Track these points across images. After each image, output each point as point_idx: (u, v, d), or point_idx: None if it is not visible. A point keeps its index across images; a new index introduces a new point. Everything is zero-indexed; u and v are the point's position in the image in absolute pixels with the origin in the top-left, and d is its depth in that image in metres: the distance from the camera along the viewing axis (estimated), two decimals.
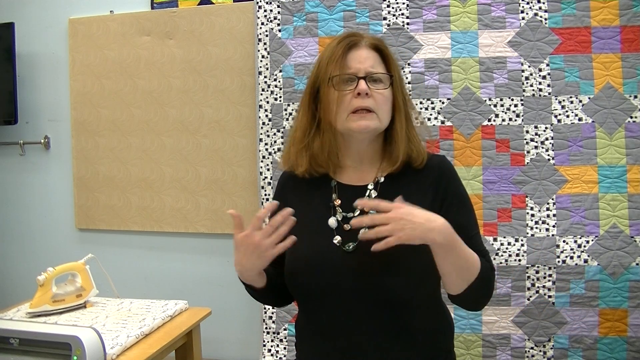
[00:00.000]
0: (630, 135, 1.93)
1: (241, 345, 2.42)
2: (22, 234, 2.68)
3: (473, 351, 2.00)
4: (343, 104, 1.13)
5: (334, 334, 1.12)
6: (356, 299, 1.10)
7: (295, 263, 1.16)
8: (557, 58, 1.97)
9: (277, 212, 1.09)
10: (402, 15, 2.06)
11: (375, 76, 1.14)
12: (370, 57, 1.15)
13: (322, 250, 1.14)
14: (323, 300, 1.13)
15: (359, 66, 1.13)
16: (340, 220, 1.16)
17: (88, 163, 2.54)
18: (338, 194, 1.19)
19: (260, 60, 2.18)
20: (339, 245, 1.13)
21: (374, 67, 1.14)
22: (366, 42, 1.16)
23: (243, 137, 2.36)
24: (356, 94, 1.11)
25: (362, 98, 1.11)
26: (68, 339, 1.15)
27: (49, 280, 1.63)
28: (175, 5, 2.42)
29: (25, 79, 2.60)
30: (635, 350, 1.91)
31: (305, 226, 1.16)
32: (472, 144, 2.01)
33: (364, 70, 1.13)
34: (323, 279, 1.12)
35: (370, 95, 1.12)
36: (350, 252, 1.12)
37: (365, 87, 1.11)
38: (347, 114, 1.12)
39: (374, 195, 1.16)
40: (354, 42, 1.15)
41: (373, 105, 1.12)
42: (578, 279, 1.93)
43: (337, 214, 1.17)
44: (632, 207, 1.92)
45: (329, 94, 1.14)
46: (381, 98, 1.13)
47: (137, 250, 2.53)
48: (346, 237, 1.14)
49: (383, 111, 1.14)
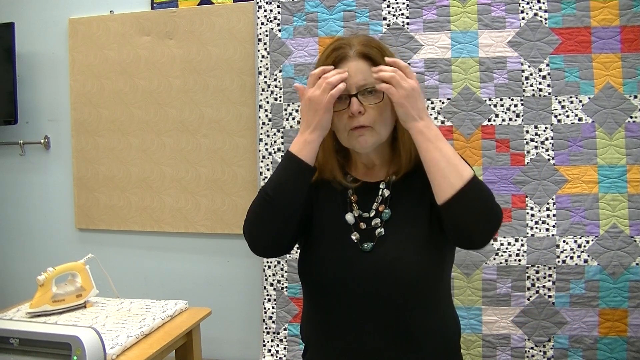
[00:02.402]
0: (630, 135, 1.93)
1: (241, 345, 2.42)
2: (22, 234, 2.68)
3: (473, 351, 2.00)
4: (341, 123, 1.11)
5: (347, 330, 1.12)
6: (370, 297, 1.10)
7: (312, 257, 1.17)
8: (557, 58, 1.97)
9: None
10: (402, 15, 2.06)
11: (367, 88, 1.10)
12: (360, 68, 1.10)
13: (339, 246, 1.14)
14: (337, 296, 1.13)
15: (349, 82, 1.08)
16: (357, 217, 1.16)
17: (88, 163, 2.54)
18: (354, 190, 1.19)
19: (260, 60, 2.17)
20: (357, 242, 1.14)
21: (365, 79, 1.09)
22: (355, 51, 1.10)
23: (243, 137, 2.36)
24: (350, 114, 1.09)
25: (357, 117, 1.09)
26: (68, 339, 1.15)
27: (49, 280, 1.63)
28: (175, 5, 2.42)
29: (25, 79, 2.60)
30: (635, 350, 1.91)
31: (323, 222, 1.18)
32: (472, 144, 2.01)
33: (354, 86, 1.09)
34: (339, 276, 1.12)
35: (364, 112, 1.09)
36: (367, 252, 1.13)
37: (356, 107, 1.08)
38: (346, 132, 1.12)
39: (386, 194, 1.16)
40: (341, 55, 1.11)
41: (369, 121, 1.09)
42: (578, 279, 1.93)
43: (354, 210, 1.17)
44: (632, 207, 1.92)
45: None
46: (377, 111, 1.10)
47: (137, 250, 2.53)
48: (363, 236, 1.14)
49: (380, 124, 1.11)
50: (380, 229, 1.14)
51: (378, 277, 1.10)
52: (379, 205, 1.16)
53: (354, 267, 1.12)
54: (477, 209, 1.02)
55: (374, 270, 1.10)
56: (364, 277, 1.11)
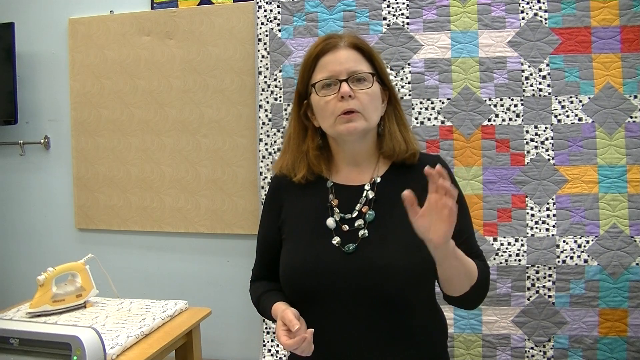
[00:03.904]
0: (630, 135, 1.93)
1: (241, 345, 2.42)
2: (22, 234, 2.68)
3: (473, 351, 2.00)
4: (328, 108, 1.12)
5: (332, 335, 1.10)
6: (355, 300, 1.09)
7: (294, 265, 1.15)
8: (557, 58, 1.97)
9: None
10: (402, 15, 2.06)
11: (357, 75, 1.11)
12: (351, 57, 1.12)
13: (321, 251, 1.13)
14: (321, 301, 1.11)
15: (339, 68, 1.11)
16: (338, 220, 1.15)
17: (88, 163, 2.54)
18: (335, 194, 1.18)
19: (260, 60, 2.18)
20: (338, 246, 1.13)
21: (356, 66, 1.12)
22: (345, 42, 1.14)
23: (243, 137, 2.36)
24: (340, 98, 1.10)
25: (346, 100, 1.10)
26: (68, 339, 1.15)
27: (49, 280, 1.63)
28: (175, 5, 2.42)
29: (25, 79, 2.60)
30: (635, 350, 1.91)
31: (302, 227, 1.17)
32: (472, 144, 2.01)
33: (345, 72, 1.11)
34: (322, 281, 1.11)
35: (354, 96, 1.10)
36: (350, 254, 1.11)
37: (347, 89, 1.09)
38: (334, 118, 1.12)
39: (371, 196, 1.16)
40: (331, 44, 1.14)
41: (358, 106, 1.10)
42: (578, 279, 1.93)
43: (335, 214, 1.16)
44: (632, 207, 1.92)
45: (314, 101, 1.14)
46: (366, 97, 1.11)
47: (137, 250, 2.53)
48: (345, 238, 1.13)
49: (369, 110, 1.12)
50: (363, 231, 1.13)
51: (361, 279, 1.08)
52: (363, 206, 1.15)
53: (337, 270, 1.10)
54: (480, 295, 1.13)
55: (358, 273, 1.09)
56: (347, 279, 1.09)
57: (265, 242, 1.26)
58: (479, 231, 1.99)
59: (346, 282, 1.09)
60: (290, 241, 1.18)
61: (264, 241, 1.26)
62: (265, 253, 1.25)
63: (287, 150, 1.22)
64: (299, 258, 1.14)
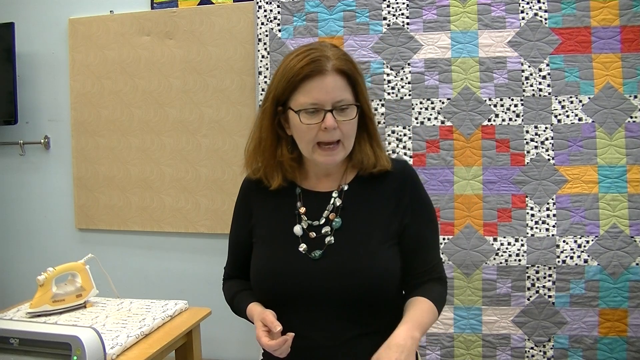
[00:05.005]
0: (630, 135, 1.93)
1: (241, 345, 2.42)
2: (22, 234, 2.68)
3: (473, 351, 2.00)
4: (309, 134, 1.10)
5: (301, 335, 1.11)
6: (323, 302, 1.11)
7: (262, 271, 1.17)
8: (557, 58, 1.97)
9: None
10: (402, 15, 2.06)
11: (342, 105, 1.09)
12: (337, 85, 1.09)
13: (288, 258, 1.15)
14: (289, 305, 1.13)
15: (325, 97, 1.07)
16: (305, 228, 1.16)
17: (88, 163, 2.54)
18: (303, 201, 1.19)
19: (260, 60, 2.17)
20: (305, 253, 1.14)
21: (341, 95, 1.09)
22: (332, 66, 1.08)
23: (243, 137, 2.32)
24: (323, 128, 1.08)
25: (330, 132, 1.08)
26: (68, 339, 1.15)
27: (49, 280, 1.63)
28: (175, 5, 2.42)
29: (25, 79, 2.60)
30: (635, 350, 1.91)
31: (270, 234, 1.19)
32: (472, 144, 2.01)
33: (330, 102, 1.07)
34: (289, 286, 1.13)
35: (337, 127, 1.08)
36: (316, 260, 1.13)
37: (332, 122, 1.07)
38: (312, 145, 1.11)
39: (338, 203, 1.17)
40: (318, 68, 1.08)
41: (340, 136, 1.10)
42: (578, 279, 1.93)
43: (303, 221, 1.17)
44: (632, 207, 1.92)
45: (294, 120, 1.11)
46: (349, 128, 1.10)
47: (137, 250, 2.53)
48: (312, 245, 1.15)
49: (350, 139, 1.12)
50: (329, 237, 1.14)
51: (328, 284, 1.10)
52: (330, 213, 1.16)
53: (304, 276, 1.12)
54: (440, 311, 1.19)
55: (324, 278, 1.11)
56: (314, 284, 1.11)
57: (237, 243, 1.29)
58: (479, 231, 1.99)
59: (313, 287, 1.11)
60: (259, 246, 1.21)
61: (236, 243, 1.30)
62: (238, 254, 1.28)
63: (259, 155, 1.19)
64: (268, 264, 1.17)
